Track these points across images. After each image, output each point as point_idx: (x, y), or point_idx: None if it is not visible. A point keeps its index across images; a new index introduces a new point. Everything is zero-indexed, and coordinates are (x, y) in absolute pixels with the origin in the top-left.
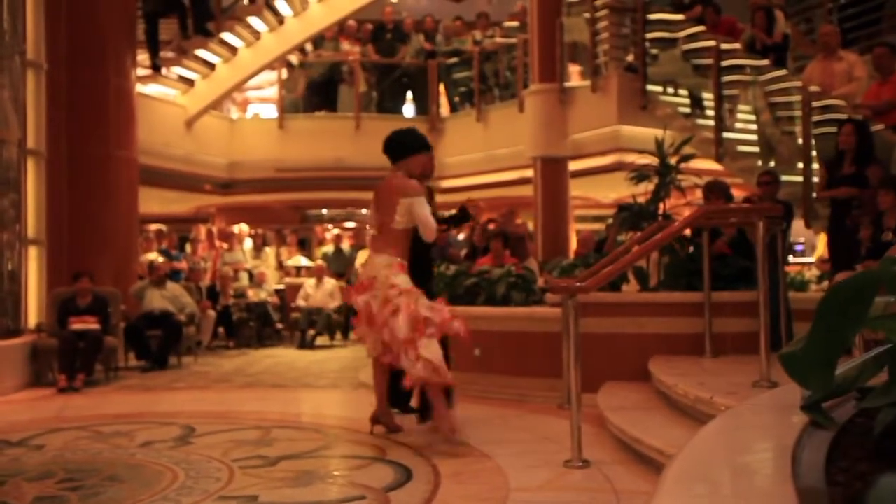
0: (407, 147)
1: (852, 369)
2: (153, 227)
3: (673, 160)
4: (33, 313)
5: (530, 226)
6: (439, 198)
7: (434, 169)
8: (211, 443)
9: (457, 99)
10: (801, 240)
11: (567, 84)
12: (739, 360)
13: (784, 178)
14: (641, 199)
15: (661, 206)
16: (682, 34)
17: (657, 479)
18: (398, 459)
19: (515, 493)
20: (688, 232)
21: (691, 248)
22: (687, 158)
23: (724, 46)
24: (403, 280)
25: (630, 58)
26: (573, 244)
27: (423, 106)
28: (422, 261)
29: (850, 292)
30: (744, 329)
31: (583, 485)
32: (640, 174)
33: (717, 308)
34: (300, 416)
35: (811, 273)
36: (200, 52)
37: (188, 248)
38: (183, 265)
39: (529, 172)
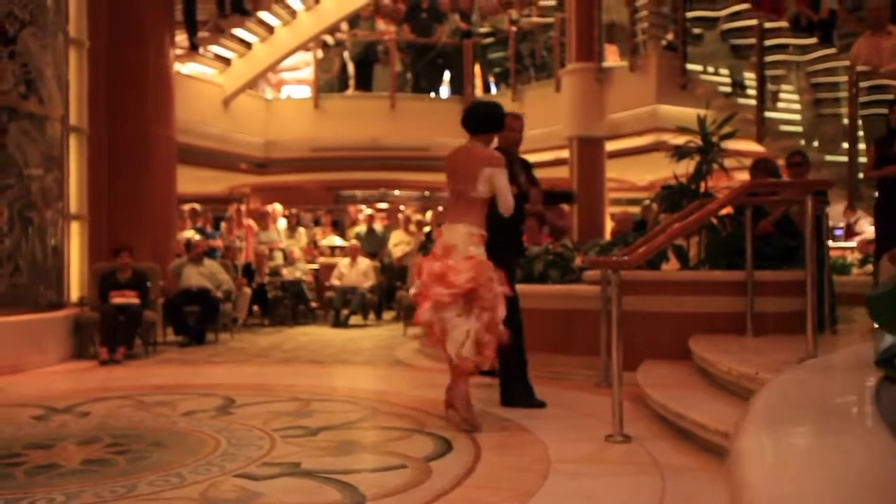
0: (492, 124)
1: None
2: (187, 206)
3: (715, 138)
4: (75, 287)
5: (565, 206)
6: None
7: (521, 142)
8: (251, 413)
9: (492, 79)
10: (841, 224)
11: (604, 64)
12: (782, 340)
13: (828, 158)
14: (682, 180)
15: (703, 184)
16: (724, 12)
17: (700, 454)
18: (438, 432)
19: (557, 464)
20: (730, 211)
21: (731, 228)
22: (730, 136)
23: (768, 25)
24: (481, 252)
25: (670, 36)
26: (608, 226)
27: (458, 86)
28: (508, 234)
29: None
30: (786, 308)
31: (625, 458)
32: (681, 151)
33: (760, 287)
34: (338, 390)
35: (853, 256)
36: (237, 31)
37: (223, 226)
38: (219, 243)
39: (565, 153)
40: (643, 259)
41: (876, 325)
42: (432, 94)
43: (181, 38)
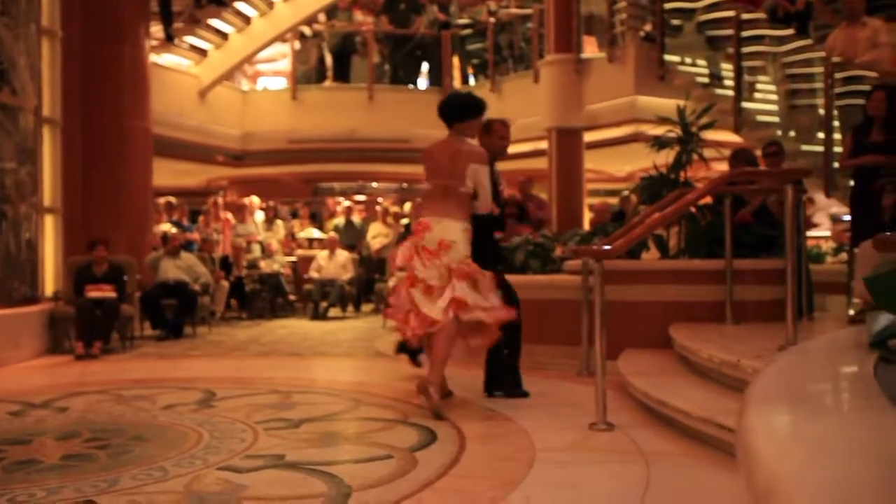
0: (466, 109)
1: None
2: (162, 199)
3: (695, 127)
4: (50, 281)
5: (544, 197)
6: None
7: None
8: (232, 406)
9: (471, 70)
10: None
11: (583, 55)
12: (761, 327)
13: (804, 147)
14: (662, 170)
15: (683, 174)
16: (701, 4)
17: (683, 440)
18: (421, 422)
19: (542, 453)
20: (709, 201)
21: (710, 218)
22: (709, 126)
23: (745, 16)
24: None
25: (648, 27)
26: (587, 217)
27: (436, 77)
28: (486, 242)
29: None
30: (765, 297)
31: (609, 446)
32: (661, 141)
33: (739, 276)
34: (319, 382)
35: (827, 245)
36: (214, 22)
37: (200, 219)
38: (195, 236)
39: (544, 144)
40: (626, 248)
41: (850, 312)
42: (410, 86)
43: (157, 28)
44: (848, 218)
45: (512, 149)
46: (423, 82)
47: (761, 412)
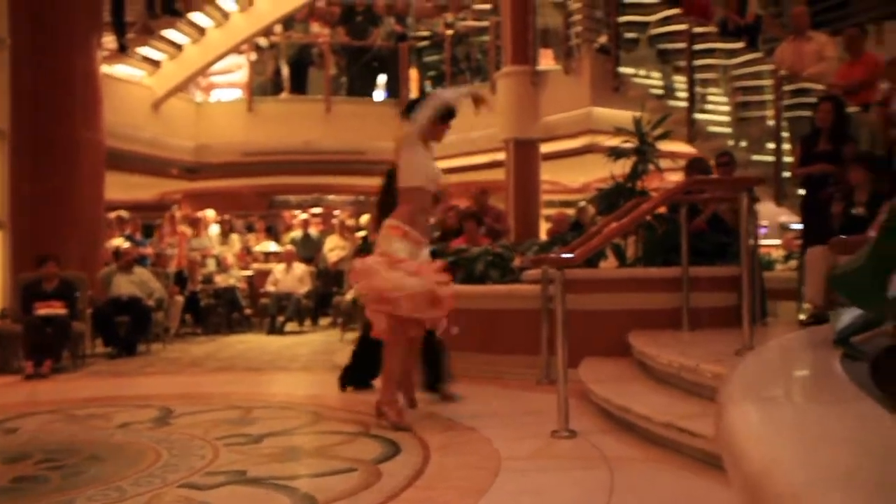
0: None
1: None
2: (114, 213)
3: (651, 138)
4: None
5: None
6: None
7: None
8: (191, 423)
9: (428, 82)
10: (765, 222)
11: (539, 67)
12: (717, 333)
13: (755, 157)
14: (619, 180)
15: (640, 183)
16: (655, 17)
17: (645, 445)
18: (384, 434)
19: (507, 461)
20: (663, 210)
21: (665, 227)
22: (664, 136)
23: (697, 29)
24: (394, 248)
25: (603, 39)
26: (543, 227)
27: (394, 89)
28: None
29: None
30: (720, 303)
31: (573, 453)
32: (618, 152)
33: (694, 283)
34: (279, 396)
35: (777, 253)
36: (168, 32)
37: (155, 234)
38: (149, 251)
39: (501, 155)
40: (587, 256)
41: (801, 317)
42: (367, 98)
43: (109, 39)
44: (797, 226)
45: (469, 160)
46: (380, 94)
47: (741, 410)
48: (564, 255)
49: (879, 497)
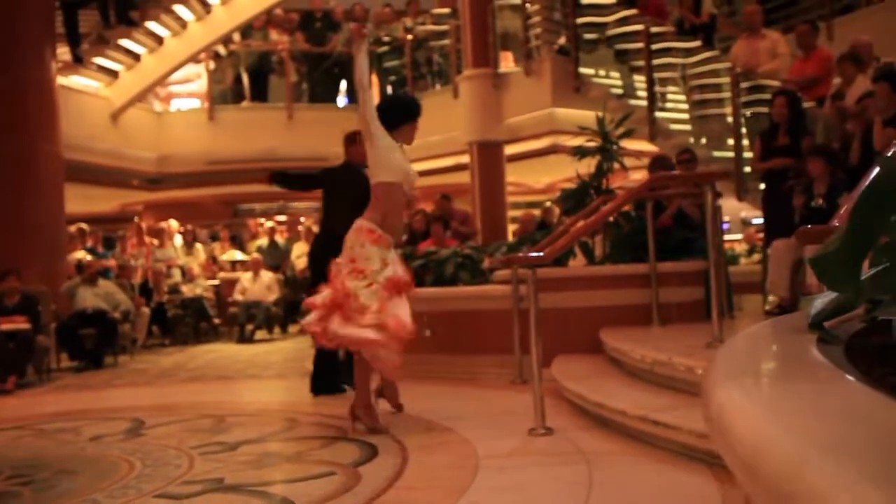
0: (397, 115)
1: (865, 280)
2: (73, 226)
3: (615, 135)
4: None
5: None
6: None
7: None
8: (164, 433)
9: (389, 87)
10: (727, 218)
11: (500, 69)
12: (686, 327)
13: (715, 154)
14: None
15: (605, 181)
16: (612, 18)
17: (621, 439)
18: (361, 437)
19: (486, 460)
20: (629, 208)
21: (632, 224)
22: (627, 134)
23: (654, 29)
24: (361, 253)
25: (562, 41)
26: (510, 229)
27: (355, 95)
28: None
29: (889, 184)
30: (687, 298)
31: (550, 449)
32: (583, 151)
33: (662, 279)
34: (252, 404)
35: (741, 247)
36: (124, 42)
37: (118, 246)
38: (112, 263)
39: (465, 158)
40: (558, 254)
41: (766, 308)
42: (330, 104)
43: (63, 50)
44: (758, 221)
45: (434, 163)
46: (342, 100)
47: (727, 393)
48: (536, 255)
49: (871, 460)
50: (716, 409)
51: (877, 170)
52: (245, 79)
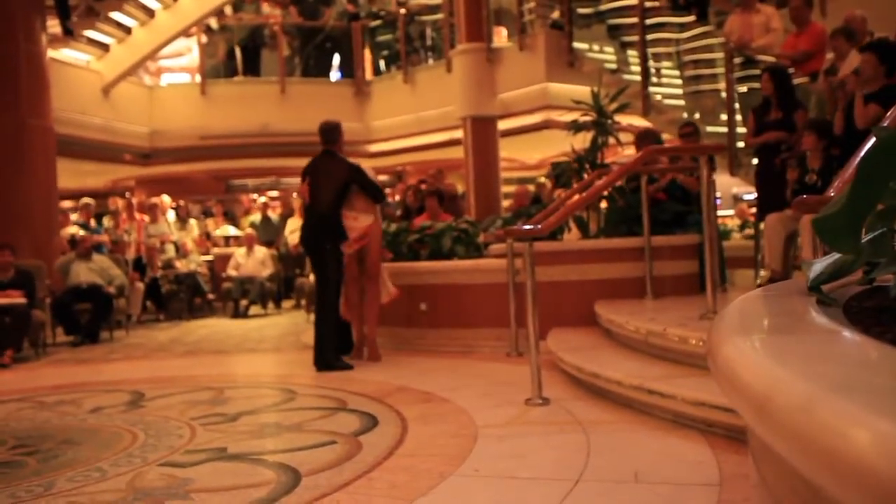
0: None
1: (865, 242)
2: (64, 203)
3: (610, 109)
4: None
5: (459, 188)
6: (370, 162)
7: None
8: (164, 405)
9: (382, 62)
10: (719, 194)
11: (494, 44)
12: (680, 300)
13: (709, 129)
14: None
15: (600, 156)
16: None
17: (616, 409)
18: (360, 408)
19: (484, 429)
20: (621, 183)
21: (625, 197)
22: (622, 108)
23: (648, 4)
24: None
25: (555, 15)
26: (504, 204)
27: (348, 69)
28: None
29: (885, 154)
30: (681, 271)
31: (547, 419)
32: (578, 125)
33: (656, 252)
34: (251, 377)
35: (733, 223)
36: (115, 15)
37: (107, 221)
38: (104, 238)
39: (459, 133)
40: (554, 227)
41: (758, 282)
42: (323, 78)
43: (53, 23)
44: (749, 196)
45: (427, 139)
46: (335, 74)
47: (733, 345)
48: (533, 227)
49: (876, 398)
50: (724, 362)
51: (872, 140)
52: (237, 53)
